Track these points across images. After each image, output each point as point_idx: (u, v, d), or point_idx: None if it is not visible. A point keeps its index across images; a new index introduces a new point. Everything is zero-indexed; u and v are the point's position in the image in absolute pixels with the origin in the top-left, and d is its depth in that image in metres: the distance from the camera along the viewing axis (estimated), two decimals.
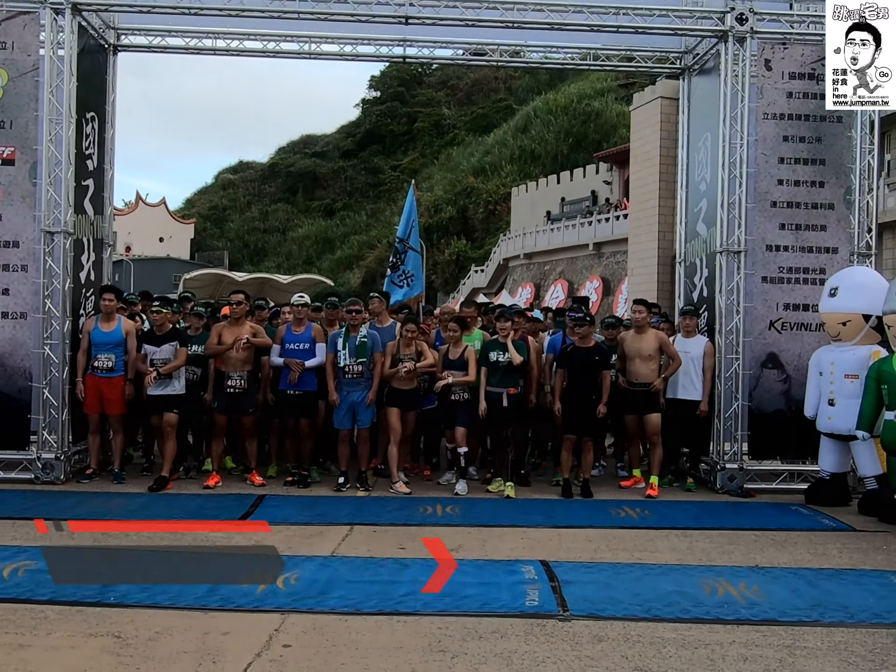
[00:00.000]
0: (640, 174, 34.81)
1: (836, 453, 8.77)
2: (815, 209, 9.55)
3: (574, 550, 6.84)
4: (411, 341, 9.15)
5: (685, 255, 10.98)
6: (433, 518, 7.92)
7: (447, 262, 59.63)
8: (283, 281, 39.51)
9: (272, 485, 9.18)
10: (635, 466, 9.73)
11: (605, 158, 48.57)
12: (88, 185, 9.80)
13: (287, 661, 4.47)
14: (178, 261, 70.62)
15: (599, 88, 63.41)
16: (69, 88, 9.02)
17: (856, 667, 4.56)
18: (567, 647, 4.74)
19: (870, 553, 6.98)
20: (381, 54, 10.73)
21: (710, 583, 5.93)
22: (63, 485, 8.93)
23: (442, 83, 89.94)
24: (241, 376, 9.01)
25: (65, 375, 9.03)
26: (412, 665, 4.44)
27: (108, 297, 9.11)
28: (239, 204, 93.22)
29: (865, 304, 8.35)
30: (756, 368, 9.51)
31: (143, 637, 4.72)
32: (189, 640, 4.69)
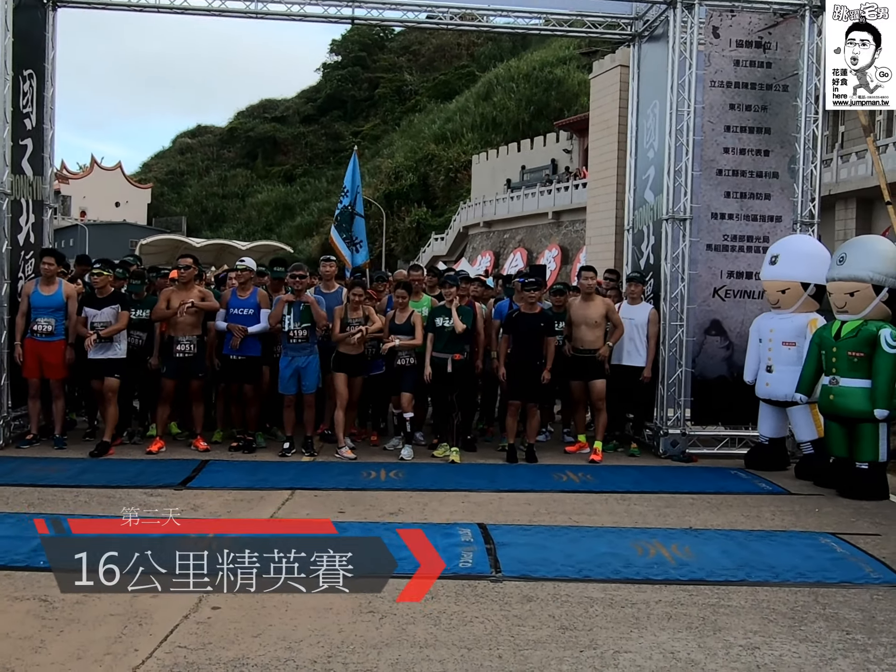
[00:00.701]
0: (598, 143, 34.84)
1: (774, 419, 8.93)
2: (759, 178, 9.62)
3: (513, 514, 6.91)
4: (358, 305, 9.10)
5: (633, 223, 11.03)
6: (376, 483, 7.94)
7: (407, 229, 59.41)
8: (241, 247, 38.95)
9: (217, 450, 9.13)
10: (580, 432, 9.81)
11: (566, 127, 48.48)
12: (27, 145, 9.54)
13: (214, 623, 4.47)
14: (135, 226, 69.51)
15: (562, 56, 63.18)
16: (4, 44, 8.75)
17: (776, 623, 4.67)
18: (496, 606, 4.80)
19: (801, 515, 7.13)
20: (329, 15, 10.53)
21: (642, 544, 6.03)
22: (3, 450, 8.80)
23: (404, 48, 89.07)
24: (189, 341, 8.92)
25: (2, 339, 8.86)
26: (340, 626, 4.47)
27: (48, 260, 8.94)
28: (197, 169, 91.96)
29: (805, 272, 8.46)
30: (700, 335, 9.62)
31: (70, 601, 4.68)
32: (117, 602, 4.66)
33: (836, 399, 7.72)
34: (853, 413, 7.61)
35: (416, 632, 4.41)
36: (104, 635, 4.28)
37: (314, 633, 4.37)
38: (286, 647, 4.19)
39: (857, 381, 7.56)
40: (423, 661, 4.07)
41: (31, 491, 7.19)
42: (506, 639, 4.36)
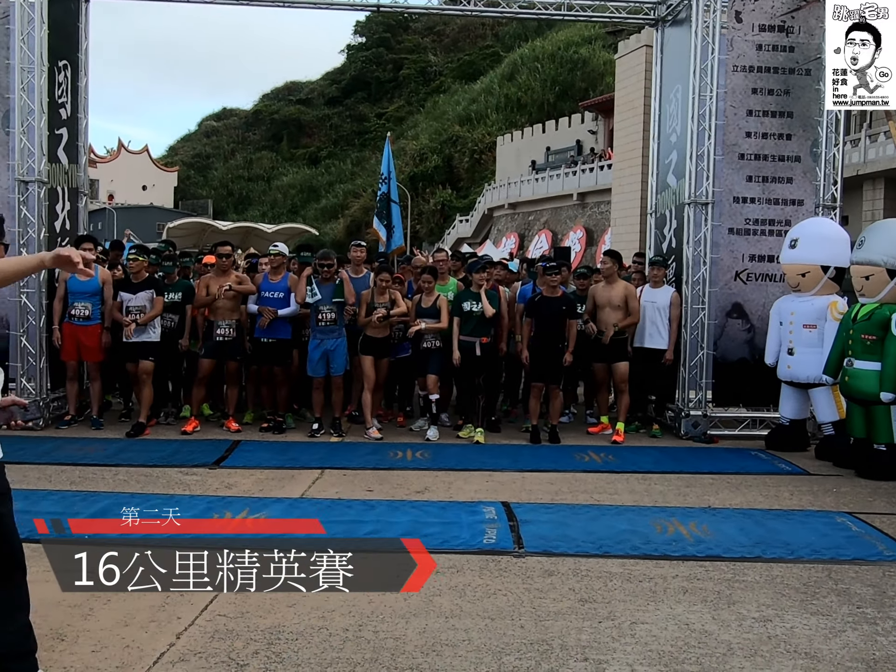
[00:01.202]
0: (624, 124, 34.72)
1: (796, 400, 9.05)
2: (781, 161, 9.70)
3: (536, 493, 7.10)
4: (385, 290, 9.30)
5: (656, 207, 11.13)
6: (402, 462, 8.17)
7: (432, 211, 59.46)
8: (267, 230, 39.19)
9: (249, 431, 9.40)
10: (603, 413, 9.99)
11: (591, 108, 48.27)
12: (62, 134, 9.83)
13: (251, 594, 4.67)
14: (162, 209, 70.01)
15: (587, 36, 62.71)
16: (40, 36, 9.01)
17: (788, 598, 4.84)
18: (518, 580, 5.01)
19: (819, 495, 7.28)
20: (354, 3, 10.69)
21: (661, 522, 6.21)
22: (43, 430, 9.13)
23: (428, 29, 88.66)
24: (229, 325, 9.22)
25: (42, 324, 9.17)
26: (370, 597, 4.68)
27: (86, 245, 9.16)
28: (223, 152, 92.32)
29: (824, 255, 8.56)
30: (721, 318, 9.74)
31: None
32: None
33: (851, 381, 7.85)
34: (865, 395, 7.73)
35: (443, 603, 4.63)
36: (148, 604, 4.53)
37: (345, 604, 4.59)
38: (319, 617, 4.43)
39: (869, 364, 7.69)
40: (449, 630, 4.29)
41: (72, 469, 7.50)
42: (528, 610, 4.57)
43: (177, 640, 4.17)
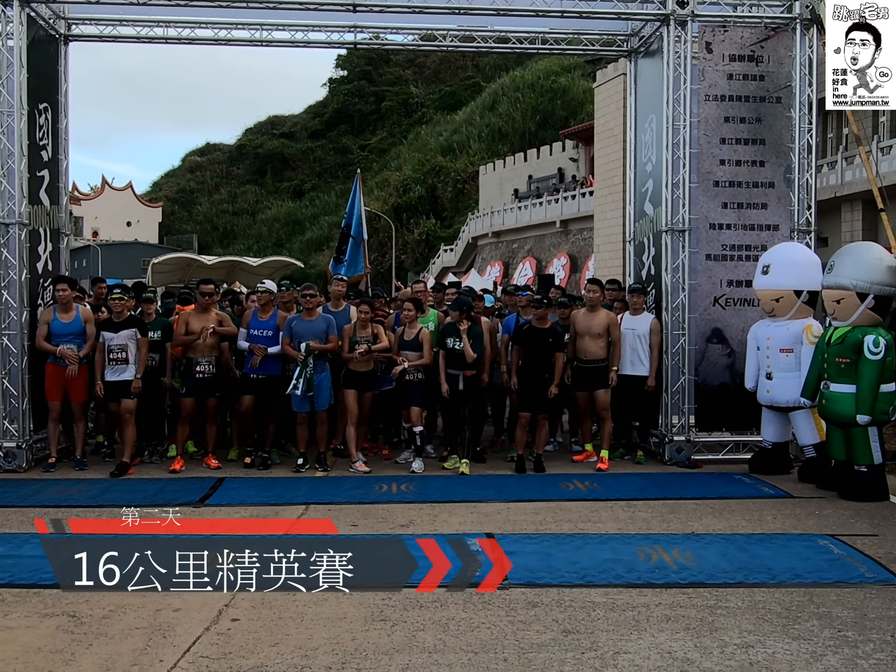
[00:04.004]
0: (604, 151, 35.08)
1: (777, 424, 9.11)
2: (756, 188, 9.84)
3: (520, 523, 7.12)
4: (367, 322, 9.35)
5: (634, 234, 11.26)
6: (387, 496, 8.17)
7: (417, 241, 59.70)
8: (252, 263, 39.18)
9: (233, 468, 9.38)
10: (587, 441, 10.02)
11: (572, 136, 48.75)
12: (44, 176, 9.87)
13: (234, 634, 4.71)
14: (147, 245, 70.11)
15: (566, 65, 63.42)
16: (20, 80, 9.08)
17: (770, 623, 4.87)
18: (502, 612, 5.02)
19: (802, 518, 7.32)
20: (332, 41, 10.84)
21: (645, 550, 6.24)
22: (25, 472, 9.08)
23: (409, 61, 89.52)
24: (209, 362, 9.24)
25: (24, 365, 9.15)
26: (353, 633, 4.69)
27: (61, 287, 9.18)
28: (207, 186, 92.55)
29: (796, 280, 8.66)
30: (701, 343, 9.82)
31: (97, 616, 4.93)
32: (141, 616, 4.92)
33: (827, 404, 7.94)
34: (842, 418, 7.81)
35: (426, 638, 4.64)
36: (130, 647, 4.52)
37: (329, 641, 4.59)
38: (302, 655, 4.42)
39: (845, 387, 7.77)
40: (433, 665, 4.29)
41: (56, 511, 7.44)
42: (511, 643, 4.58)
43: None
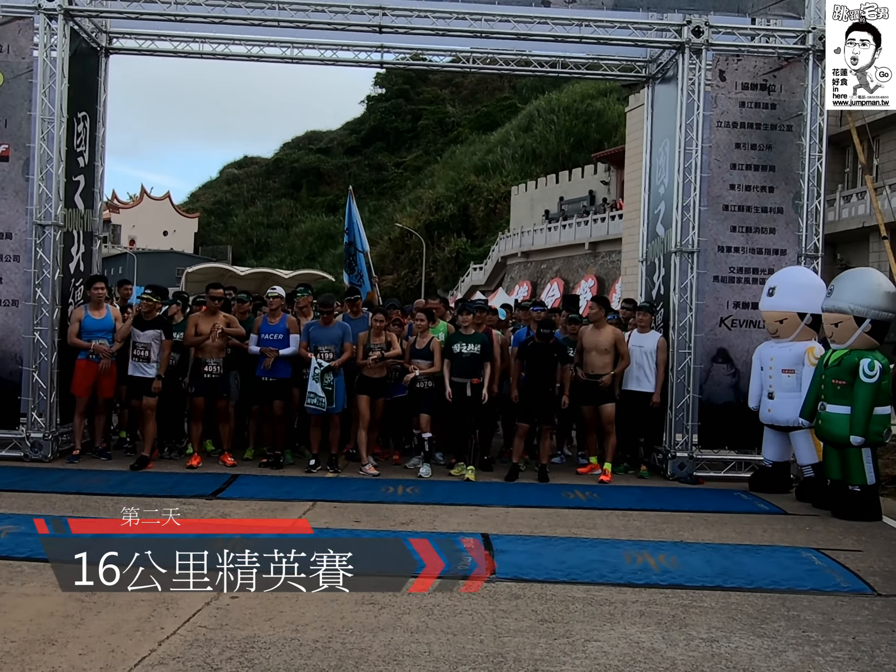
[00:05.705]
0: (634, 175, 35.26)
1: (778, 443, 9.30)
2: (764, 213, 10.08)
3: (517, 526, 7.40)
4: (381, 330, 9.70)
5: (646, 255, 11.54)
6: (392, 496, 8.48)
7: (447, 259, 60.23)
8: (284, 276, 39.89)
9: (248, 466, 9.75)
10: (592, 454, 10.27)
11: (603, 159, 49.09)
12: (79, 181, 10.38)
13: (232, 609, 5.04)
14: (182, 254, 71.25)
15: (602, 89, 63.76)
16: (61, 89, 9.58)
17: (739, 622, 5.11)
18: (485, 602, 5.31)
19: (792, 533, 7.53)
20: (360, 60, 11.29)
21: (632, 554, 6.49)
22: (50, 463, 9.51)
23: (447, 81, 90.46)
24: (216, 362, 9.62)
25: (53, 360, 9.60)
26: (342, 613, 5.01)
27: (98, 285, 9.69)
28: (243, 199, 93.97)
29: (800, 303, 8.88)
30: (707, 363, 10.05)
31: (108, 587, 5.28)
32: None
33: (824, 424, 8.14)
34: (837, 438, 8.02)
35: (410, 620, 4.94)
36: (136, 616, 4.87)
37: (319, 618, 4.91)
38: (293, 630, 4.74)
39: (840, 408, 7.97)
40: (412, 643, 4.59)
41: (76, 498, 7.87)
42: (489, 627, 4.87)
43: (158, 646, 4.49)
